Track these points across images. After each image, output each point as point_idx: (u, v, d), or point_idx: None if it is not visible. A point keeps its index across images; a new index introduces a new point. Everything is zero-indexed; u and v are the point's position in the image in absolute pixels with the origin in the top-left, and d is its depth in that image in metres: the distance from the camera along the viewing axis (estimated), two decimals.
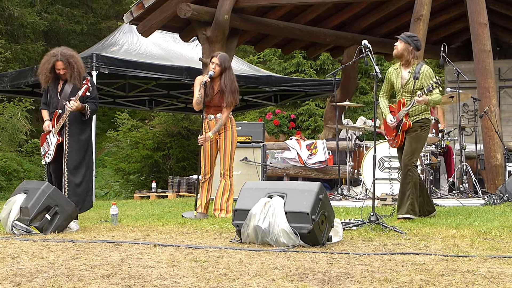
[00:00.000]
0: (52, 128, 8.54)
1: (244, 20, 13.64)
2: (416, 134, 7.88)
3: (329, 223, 5.80)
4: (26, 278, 4.34)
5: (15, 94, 18.96)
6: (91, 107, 8.59)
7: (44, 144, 8.66)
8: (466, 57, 16.14)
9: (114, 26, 24.55)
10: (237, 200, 6.14)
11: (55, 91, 8.64)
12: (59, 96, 8.58)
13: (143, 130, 22.01)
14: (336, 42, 15.88)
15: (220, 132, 8.59)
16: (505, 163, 10.88)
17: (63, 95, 8.54)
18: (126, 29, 16.82)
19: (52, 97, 8.66)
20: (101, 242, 6.06)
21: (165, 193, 15.95)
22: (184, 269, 4.59)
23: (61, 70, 8.49)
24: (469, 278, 4.16)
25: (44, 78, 8.59)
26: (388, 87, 8.13)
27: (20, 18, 25.12)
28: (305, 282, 4.10)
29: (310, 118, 23.10)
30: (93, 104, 8.62)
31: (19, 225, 6.93)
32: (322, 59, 23.92)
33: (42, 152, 8.70)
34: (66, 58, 8.49)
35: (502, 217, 7.77)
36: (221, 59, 8.54)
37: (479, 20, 11.04)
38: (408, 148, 7.86)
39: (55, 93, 8.63)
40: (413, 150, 7.84)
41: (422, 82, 7.77)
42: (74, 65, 8.52)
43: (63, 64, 8.47)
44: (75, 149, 8.55)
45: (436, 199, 10.07)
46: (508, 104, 15.91)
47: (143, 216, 9.01)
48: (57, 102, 8.59)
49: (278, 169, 12.80)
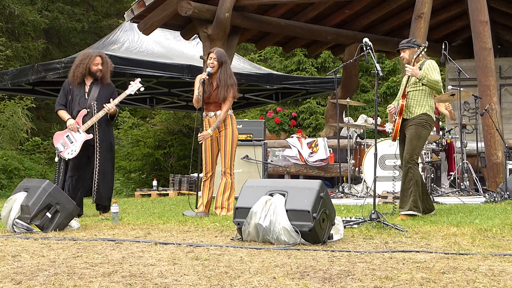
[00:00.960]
0: (77, 126, 8.88)
1: (245, 18, 13.64)
2: (416, 131, 7.87)
3: (330, 221, 5.79)
4: (27, 276, 4.34)
5: (16, 92, 18.95)
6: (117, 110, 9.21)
7: (61, 141, 8.94)
8: (467, 55, 16.14)
9: (115, 24, 24.54)
10: (238, 198, 6.15)
11: (81, 91, 9.04)
12: (87, 97, 9.03)
13: (144, 128, 22.02)
14: (337, 40, 15.88)
15: (220, 130, 8.58)
16: (506, 161, 10.88)
17: (91, 96, 9.03)
18: (127, 27, 16.80)
19: (77, 97, 9.02)
20: (102, 240, 6.06)
21: (166, 191, 15.94)
22: (185, 267, 4.59)
23: (99, 65, 9.05)
24: (470, 276, 4.16)
25: (81, 74, 9.03)
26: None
27: (20, 16, 25.09)
28: (306, 280, 4.10)
29: (311, 116, 23.09)
30: (118, 107, 9.19)
31: (20, 223, 6.93)
32: (323, 57, 23.90)
33: (61, 149, 8.94)
34: (104, 56, 9.22)
35: (503, 215, 7.77)
36: (218, 54, 8.56)
37: (480, 18, 11.04)
38: (408, 146, 7.86)
39: (82, 94, 9.03)
40: (414, 148, 7.83)
41: (425, 72, 7.80)
42: (107, 65, 9.19)
43: (101, 60, 9.10)
44: (105, 150, 9.08)
45: (437, 197, 10.08)
46: (509, 102, 15.90)
47: (144, 214, 9.01)
48: (84, 102, 8.99)
49: (279, 167, 12.80)
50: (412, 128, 7.90)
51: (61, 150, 8.94)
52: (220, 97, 8.46)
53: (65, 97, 9.09)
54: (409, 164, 7.79)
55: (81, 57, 9.20)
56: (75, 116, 8.96)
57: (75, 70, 9.07)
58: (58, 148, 8.97)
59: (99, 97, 9.06)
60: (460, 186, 10.72)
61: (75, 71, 9.07)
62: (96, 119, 8.93)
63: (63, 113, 9.04)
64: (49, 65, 14.84)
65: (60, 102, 9.11)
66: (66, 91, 9.11)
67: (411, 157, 7.80)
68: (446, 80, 15.89)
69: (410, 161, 7.79)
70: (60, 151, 8.96)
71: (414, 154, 7.83)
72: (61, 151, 8.94)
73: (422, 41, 11.53)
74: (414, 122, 7.90)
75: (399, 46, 8.08)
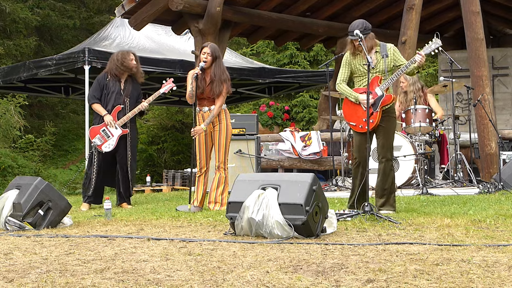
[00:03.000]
0: (114, 122, 9.46)
1: (236, 12, 13.61)
2: (393, 124, 7.62)
3: (323, 214, 5.78)
4: (19, 274, 4.32)
5: (8, 90, 18.90)
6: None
7: (98, 136, 9.53)
8: (459, 46, 16.12)
9: (106, 20, 24.45)
10: (231, 192, 6.13)
11: (117, 87, 9.59)
12: (123, 93, 9.60)
13: (137, 124, 21.96)
14: (328, 32, 15.86)
15: (214, 125, 8.56)
16: (499, 152, 10.89)
17: (125, 92, 9.61)
18: (118, 23, 16.75)
19: (113, 93, 9.55)
20: (95, 237, 6.05)
21: (160, 187, 15.93)
22: (178, 262, 4.58)
23: (134, 61, 9.64)
24: (463, 267, 4.15)
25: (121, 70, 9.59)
26: (347, 74, 7.67)
27: (12, 14, 25.01)
28: (299, 274, 4.08)
29: (304, 109, 23.07)
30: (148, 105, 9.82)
31: (12, 221, 6.90)
32: (316, 50, 23.89)
33: (98, 142, 9.52)
34: (135, 53, 9.85)
35: (496, 206, 7.76)
36: (212, 49, 8.53)
37: (471, 9, 11.04)
38: (385, 141, 7.54)
39: (118, 90, 9.58)
40: (390, 143, 7.57)
41: (393, 58, 7.55)
42: (138, 63, 9.82)
43: (134, 56, 9.72)
44: (134, 145, 9.77)
45: (431, 188, 10.08)
46: (502, 92, 15.91)
47: (137, 210, 8.99)
48: (120, 98, 9.55)
49: (273, 161, 12.79)
50: (388, 120, 7.56)
51: (99, 143, 9.51)
52: (215, 92, 8.44)
53: (100, 91, 9.58)
54: (390, 161, 7.55)
55: (120, 54, 9.70)
56: (110, 111, 9.50)
57: (118, 66, 9.56)
58: (96, 142, 9.51)
59: (132, 94, 9.66)
60: (454, 177, 10.73)
61: (118, 67, 9.57)
62: (131, 115, 9.54)
63: (99, 107, 9.56)
64: (40, 62, 14.81)
65: (96, 95, 9.60)
66: (102, 85, 9.60)
67: (392, 152, 7.59)
68: (439, 72, 15.89)
69: (391, 157, 7.58)
70: (97, 145, 9.51)
71: (392, 149, 7.61)
72: (99, 144, 9.51)
73: (414, 33, 11.56)
74: (388, 113, 7.57)
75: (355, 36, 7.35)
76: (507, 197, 8.83)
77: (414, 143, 10.45)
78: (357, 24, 7.43)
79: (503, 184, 9.67)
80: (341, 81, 7.69)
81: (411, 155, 10.30)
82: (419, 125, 10.59)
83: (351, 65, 7.62)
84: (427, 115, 10.66)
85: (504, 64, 15.94)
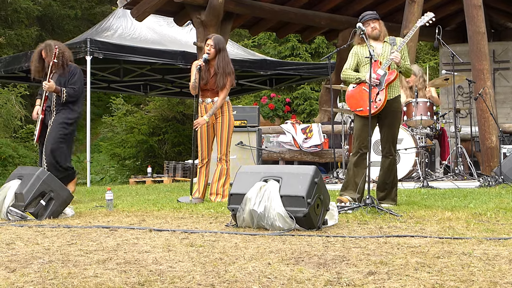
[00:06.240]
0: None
1: (238, 4, 13.59)
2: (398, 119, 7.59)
3: (324, 207, 5.79)
4: (21, 264, 4.33)
5: (9, 79, 18.92)
6: (69, 91, 9.27)
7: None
8: (460, 39, 16.12)
9: (108, 11, 24.47)
10: (232, 184, 6.14)
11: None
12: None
13: (138, 115, 21.98)
14: (330, 25, 15.84)
15: (217, 117, 8.55)
16: (500, 145, 10.90)
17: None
18: (120, 14, 16.76)
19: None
20: (97, 228, 6.05)
21: (161, 178, 15.94)
22: (180, 253, 4.59)
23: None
24: (464, 260, 4.17)
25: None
26: (353, 64, 7.66)
27: (13, 4, 25.00)
28: (301, 266, 4.10)
29: (305, 101, 23.08)
30: (71, 89, 9.30)
31: (14, 211, 6.92)
32: (317, 43, 23.87)
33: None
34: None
35: (497, 199, 7.78)
36: (216, 41, 8.50)
37: (473, 2, 11.03)
38: (389, 135, 7.52)
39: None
40: (395, 137, 7.56)
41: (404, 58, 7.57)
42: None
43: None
44: (54, 130, 9.41)
45: (431, 181, 10.09)
46: (503, 86, 15.92)
47: (138, 201, 9.00)
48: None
49: (274, 153, 12.80)
50: (394, 114, 7.54)
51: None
52: (219, 85, 8.42)
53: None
54: (393, 156, 7.53)
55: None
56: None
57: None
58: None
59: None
60: (455, 170, 10.74)
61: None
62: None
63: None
64: None
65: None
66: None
67: (395, 146, 7.58)
68: (440, 65, 15.88)
69: (394, 151, 7.56)
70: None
71: (396, 143, 7.59)
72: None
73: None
74: (394, 108, 7.53)
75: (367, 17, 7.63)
76: (508, 190, 8.84)
77: (415, 136, 10.46)
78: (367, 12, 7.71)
79: (503, 177, 9.68)
80: (347, 69, 7.71)
81: (412, 148, 10.31)
82: (420, 118, 10.58)
83: (358, 55, 7.65)
84: (428, 108, 10.66)
85: (505, 57, 15.95)
